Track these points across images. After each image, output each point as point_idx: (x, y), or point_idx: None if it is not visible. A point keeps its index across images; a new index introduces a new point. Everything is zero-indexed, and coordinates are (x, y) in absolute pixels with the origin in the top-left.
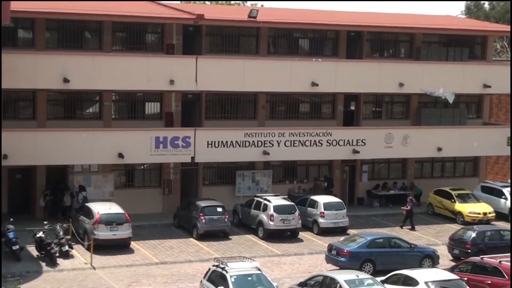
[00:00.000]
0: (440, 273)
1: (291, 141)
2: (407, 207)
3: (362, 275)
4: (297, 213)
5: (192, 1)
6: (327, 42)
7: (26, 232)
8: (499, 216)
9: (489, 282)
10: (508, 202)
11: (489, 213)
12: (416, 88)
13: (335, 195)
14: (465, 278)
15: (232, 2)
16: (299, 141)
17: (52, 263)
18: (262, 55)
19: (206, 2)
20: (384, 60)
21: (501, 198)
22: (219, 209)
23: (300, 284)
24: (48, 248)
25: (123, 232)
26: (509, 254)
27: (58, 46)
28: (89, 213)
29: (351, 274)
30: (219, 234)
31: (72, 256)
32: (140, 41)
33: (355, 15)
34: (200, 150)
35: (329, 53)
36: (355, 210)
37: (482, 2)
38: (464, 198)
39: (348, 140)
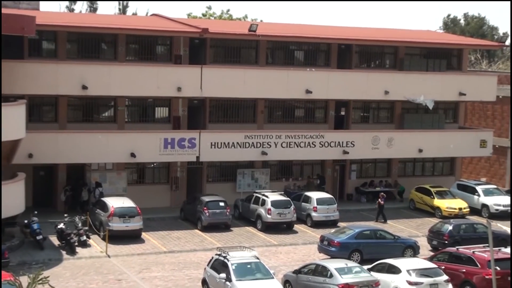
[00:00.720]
0: (420, 262)
1: (287, 142)
2: (381, 201)
3: (351, 263)
4: (292, 207)
5: (197, 16)
6: (320, 54)
7: (48, 223)
8: (473, 211)
9: (464, 270)
10: (481, 198)
11: (464, 208)
12: (400, 96)
13: (327, 192)
14: (443, 267)
15: (234, 17)
16: (294, 142)
17: (72, 252)
18: (261, 65)
19: (211, 17)
20: (371, 70)
21: (474, 195)
22: (221, 204)
23: (295, 271)
24: (68, 238)
25: (135, 224)
26: (482, 245)
27: (78, 57)
28: (104, 207)
29: (341, 263)
30: (221, 226)
31: (89, 245)
32: (151, 52)
33: (345, 30)
34: (204, 151)
35: (322, 63)
36: (344, 205)
37: (458, 18)
38: (442, 195)
39: (339, 142)
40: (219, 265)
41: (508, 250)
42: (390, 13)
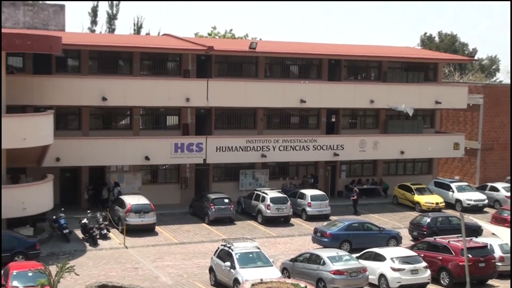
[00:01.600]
0: (403, 251)
1: (284, 146)
2: (354, 196)
3: (341, 252)
4: (289, 203)
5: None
6: (312, 68)
7: (73, 219)
8: (448, 205)
9: (440, 258)
10: (455, 194)
11: (440, 203)
12: (384, 104)
13: (320, 189)
14: (422, 255)
15: (236, 36)
16: (290, 146)
17: (94, 244)
18: (260, 78)
19: (216, 36)
20: (358, 82)
21: (449, 191)
22: (226, 200)
23: (292, 259)
24: (91, 231)
25: (149, 219)
26: (456, 235)
27: (98, 72)
28: (122, 204)
29: (333, 252)
30: (226, 220)
31: (109, 238)
32: (162, 68)
33: (334, 47)
34: (210, 154)
35: (314, 76)
36: (335, 201)
37: (433, 36)
38: (421, 191)
39: (330, 145)
40: (224, 255)
41: (478, 239)
42: (374, 31)
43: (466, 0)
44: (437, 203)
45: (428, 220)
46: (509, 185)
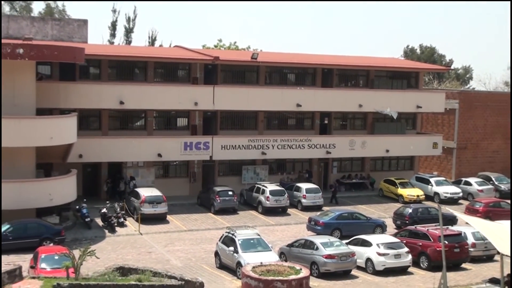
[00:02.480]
0: (387, 238)
1: (282, 145)
2: (333, 189)
3: (332, 239)
4: (286, 195)
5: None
6: (308, 76)
7: (94, 208)
8: (427, 197)
9: (420, 244)
10: (433, 188)
11: (421, 195)
12: (371, 108)
13: (314, 183)
14: (404, 241)
15: (240, 47)
16: (288, 145)
17: (112, 231)
18: (260, 85)
19: (221, 47)
20: (348, 89)
21: (428, 185)
22: (230, 193)
23: (288, 245)
24: (109, 220)
25: (161, 208)
26: (434, 224)
27: (116, 79)
28: (137, 196)
29: (325, 238)
30: (230, 210)
31: (126, 226)
32: (173, 75)
33: (327, 57)
34: (216, 151)
35: (309, 83)
36: (327, 193)
37: (415, 48)
38: (404, 185)
39: (323, 144)
40: (228, 241)
41: (454, 228)
42: (363, 43)
43: (444, 16)
44: (417, 196)
45: (410, 210)
46: (481, 180)
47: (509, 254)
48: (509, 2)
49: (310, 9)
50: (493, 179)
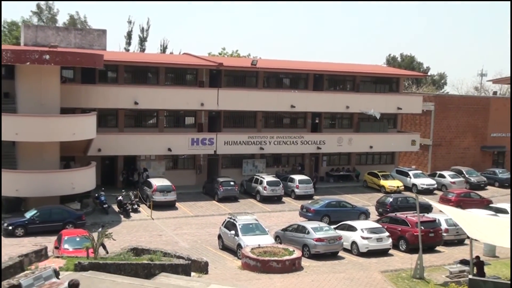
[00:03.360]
0: (370, 223)
1: (277, 141)
2: (314, 180)
3: (322, 224)
4: (281, 185)
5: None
6: (301, 81)
7: (111, 196)
8: (406, 188)
9: (399, 229)
10: (412, 180)
11: (400, 186)
12: (357, 109)
13: (306, 175)
14: (385, 227)
15: (241, 55)
16: (283, 141)
17: (127, 216)
18: (259, 88)
19: (225, 55)
20: (337, 92)
21: (407, 177)
22: (232, 183)
23: (283, 229)
24: (125, 206)
25: (171, 196)
26: (412, 212)
27: (132, 82)
28: (149, 185)
29: (315, 224)
30: (231, 198)
31: (139, 212)
32: (182, 79)
33: (318, 64)
34: (220, 146)
35: (302, 87)
36: (318, 184)
37: (396, 56)
38: (385, 177)
39: (314, 141)
40: (230, 225)
41: (429, 215)
42: (350, 51)
43: (424, 27)
44: (397, 187)
45: (391, 199)
46: (453, 173)
47: (477, 238)
48: (509, 2)
49: (304, 22)
50: (464, 172)
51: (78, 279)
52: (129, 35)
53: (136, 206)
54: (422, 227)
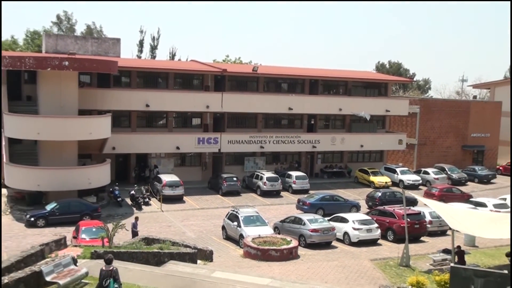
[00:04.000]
0: (361, 216)
1: (276, 140)
2: (296, 165)
3: (317, 216)
4: (280, 181)
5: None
6: (298, 85)
7: (124, 190)
8: (394, 184)
9: (388, 221)
10: (399, 176)
11: (388, 182)
12: (349, 111)
13: (302, 171)
14: (374, 219)
15: (244, 61)
16: (281, 140)
17: (139, 208)
18: (260, 92)
19: (228, 61)
20: (330, 96)
21: (395, 173)
22: (234, 179)
23: (281, 221)
24: (137, 199)
25: (179, 191)
26: (399, 205)
27: (143, 86)
28: (159, 180)
29: (310, 216)
30: (234, 192)
31: (150, 204)
32: (189, 84)
33: (314, 70)
34: (224, 145)
35: (299, 91)
36: (313, 180)
37: (385, 63)
38: (375, 173)
39: (310, 140)
40: (233, 217)
41: (415, 208)
42: (343, 58)
43: (409, 38)
44: (386, 182)
45: (380, 194)
46: (436, 170)
47: (458, 230)
48: (509, 2)
49: (302, 33)
50: (447, 169)
51: (112, 256)
52: (141, 44)
53: (147, 199)
54: (408, 219)
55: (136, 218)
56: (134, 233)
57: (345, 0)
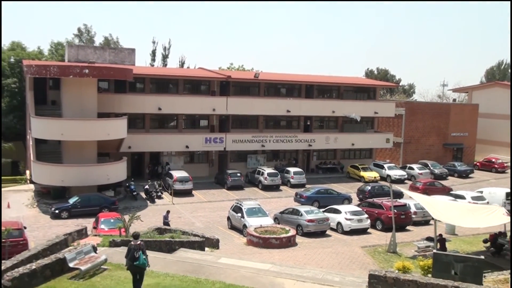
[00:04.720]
0: (352, 207)
1: (276, 140)
2: (293, 162)
3: (313, 208)
4: (279, 176)
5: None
6: (295, 90)
7: (139, 185)
8: (382, 178)
9: (376, 212)
10: (386, 171)
11: (377, 177)
12: (341, 113)
13: (299, 167)
14: (365, 210)
15: (246, 69)
16: (280, 139)
17: (152, 202)
18: (261, 96)
19: (232, 69)
20: (325, 99)
21: (383, 169)
22: (238, 174)
23: (280, 212)
24: (150, 193)
25: (188, 185)
26: (386, 198)
27: (156, 92)
28: (171, 176)
29: (307, 207)
30: (238, 187)
31: (162, 198)
32: (197, 89)
33: (309, 76)
34: (228, 144)
35: (296, 95)
36: (309, 175)
37: (373, 70)
38: (365, 169)
39: (306, 139)
40: (237, 209)
41: (401, 200)
42: (336, 65)
43: (396, 46)
44: (375, 177)
45: (369, 187)
46: (420, 165)
47: (440, 220)
48: (509, 2)
49: (299, 41)
50: (429, 165)
51: (138, 232)
52: (153, 53)
53: (160, 193)
54: (395, 210)
55: (168, 212)
56: (166, 224)
57: (339, 8)
